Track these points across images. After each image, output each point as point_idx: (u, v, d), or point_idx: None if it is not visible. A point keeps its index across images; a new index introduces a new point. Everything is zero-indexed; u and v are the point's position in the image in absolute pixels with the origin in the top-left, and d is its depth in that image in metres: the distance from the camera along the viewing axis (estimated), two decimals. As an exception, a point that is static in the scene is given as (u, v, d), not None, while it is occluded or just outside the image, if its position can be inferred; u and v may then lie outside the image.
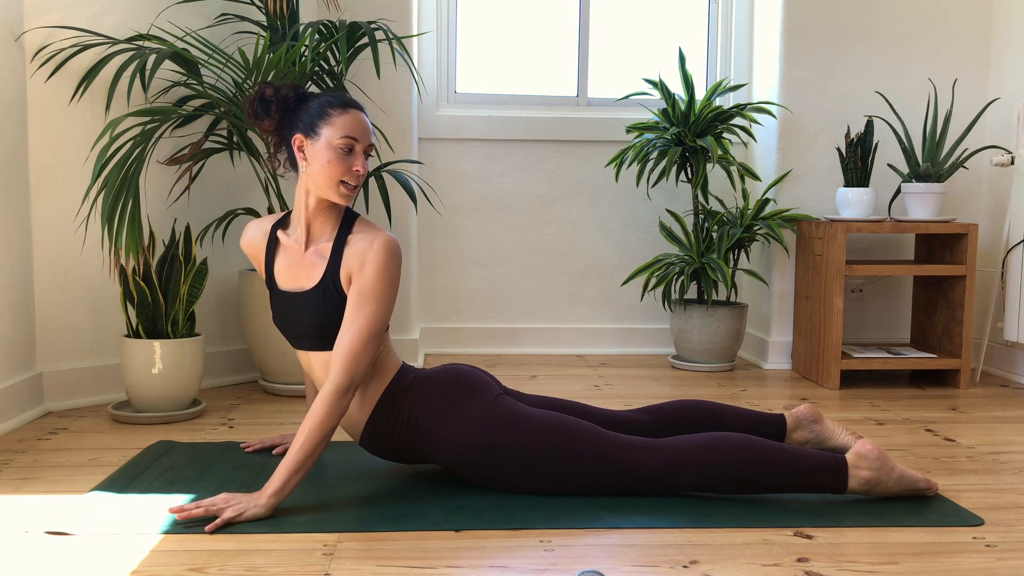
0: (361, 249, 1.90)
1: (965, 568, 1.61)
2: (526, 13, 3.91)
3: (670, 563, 1.62)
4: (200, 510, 1.76)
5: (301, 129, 1.92)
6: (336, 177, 1.89)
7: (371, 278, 1.88)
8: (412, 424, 1.95)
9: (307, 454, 1.81)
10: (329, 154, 1.89)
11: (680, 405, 2.19)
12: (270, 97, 1.94)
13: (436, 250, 3.86)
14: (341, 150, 1.89)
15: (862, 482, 1.91)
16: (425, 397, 1.95)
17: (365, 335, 1.86)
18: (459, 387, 1.96)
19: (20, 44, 2.61)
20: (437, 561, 1.62)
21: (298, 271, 1.97)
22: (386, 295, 1.89)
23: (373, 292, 1.87)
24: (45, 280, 2.70)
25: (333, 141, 1.89)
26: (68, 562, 1.59)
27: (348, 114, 1.91)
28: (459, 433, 1.92)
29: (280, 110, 1.95)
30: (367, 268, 1.88)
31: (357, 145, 1.91)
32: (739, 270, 3.74)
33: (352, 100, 1.94)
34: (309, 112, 1.92)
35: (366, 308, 1.87)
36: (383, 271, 1.88)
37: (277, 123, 1.95)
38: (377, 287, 1.88)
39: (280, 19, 2.97)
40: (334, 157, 1.89)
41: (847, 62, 3.55)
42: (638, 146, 3.52)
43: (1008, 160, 3.26)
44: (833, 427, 2.25)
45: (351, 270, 1.90)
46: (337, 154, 1.89)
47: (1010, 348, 3.39)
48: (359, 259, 1.89)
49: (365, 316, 1.87)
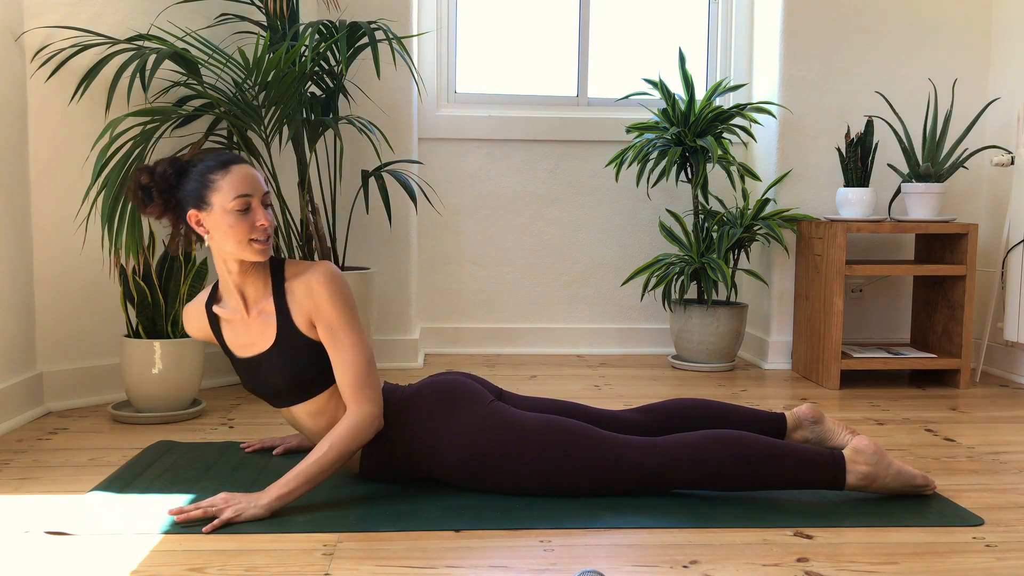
0: (306, 290, 1.87)
1: (965, 568, 1.61)
2: (526, 13, 3.91)
3: (670, 563, 1.62)
4: (199, 511, 1.76)
5: (191, 204, 1.85)
6: (243, 239, 1.84)
7: (332, 311, 1.87)
8: (408, 446, 1.95)
9: (321, 469, 1.81)
10: (228, 220, 1.83)
11: (679, 404, 2.19)
12: (147, 184, 1.86)
13: (436, 250, 3.86)
14: (238, 212, 1.83)
15: (860, 477, 1.91)
16: (417, 417, 1.94)
17: (361, 360, 1.87)
18: (450, 400, 1.95)
19: (20, 44, 2.61)
20: (437, 561, 1.62)
21: (250, 336, 1.93)
22: (354, 317, 1.89)
23: (342, 321, 1.87)
24: (45, 280, 2.70)
25: (227, 206, 1.82)
26: (68, 562, 1.59)
27: (231, 173, 1.84)
28: (457, 447, 1.91)
29: (162, 192, 1.87)
30: (323, 304, 1.86)
31: (252, 200, 1.84)
32: (739, 270, 3.74)
33: (232, 156, 1.88)
34: (192, 184, 1.85)
35: (346, 338, 1.87)
36: (338, 299, 1.87)
37: (164, 205, 1.88)
38: (343, 314, 1.87)
39: (280, 19, 2.97)
40: (234, 221, 1.82)
41: (847, 62, 3.55)
42: (638, 146, 3.52)
43: (1008, 160, 3.26)
44: (834, 427, 2.25)
45: (307, 313, 1.88)
46: (235, 217, 1.83)
47: (1010, 348, 3.39)
48: (310, 300, 1.87)
49: (350, 344, 1.87)
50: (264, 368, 1.92)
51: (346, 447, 1.83)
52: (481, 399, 1.96)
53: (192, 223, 1.88)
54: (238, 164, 1.86)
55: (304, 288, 1.88)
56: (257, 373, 1.93)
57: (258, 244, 1.85)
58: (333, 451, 1.82)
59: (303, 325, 1.89)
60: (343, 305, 1.87)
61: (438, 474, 1.96)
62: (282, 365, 1.90)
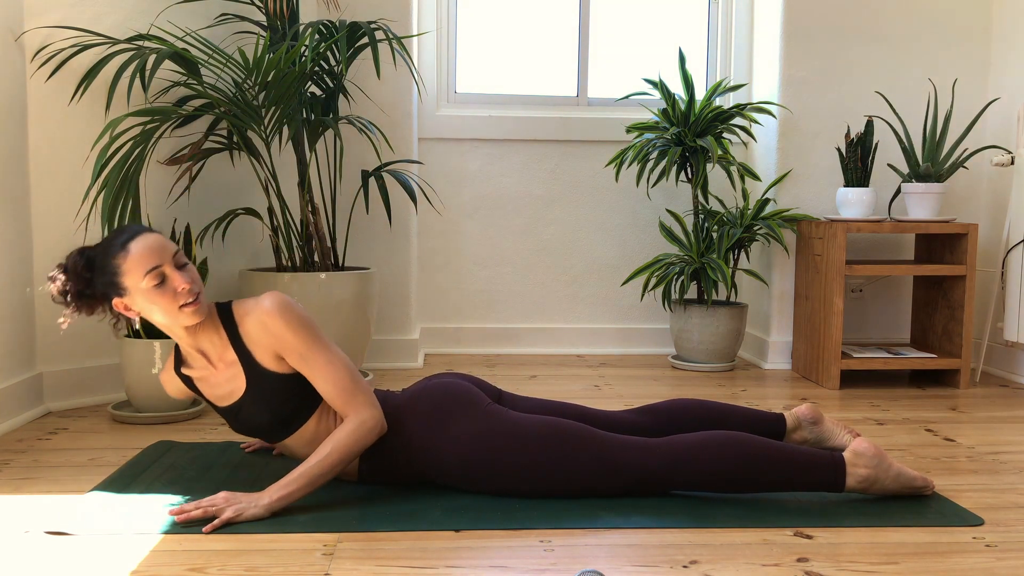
0: (260, 328, 1.85)
1: (965, 568, 1.61)
2: (526, 13, 3.91)
3: (670, 563, 1.62)
4: (199, 511, 1.76)
5: (112, 294, 1.83)
6: (172, 309, 1.81)
7: (295, 339, 1.84)
8: (406, 451, 1.94)
9: (323, 471, 1.81)
10: (148, 296, 1.80)
11: (678, 405, 2.19)
12: (65, 289, 1.83)
13: (436, 250, 3.86)
14: (155, 287, 1.80)
15: (860, 480, 1.91)
16: (414, 422, 1.93)
17: (342, 373, 1.87)
18: (447, 405, 1.94)
19: (20, 44, 2.61)
20: (437, 561, 1.62)
21: (224, 387, 1.93)
22: (318, 336, 1.87)
23: (308, 344, 1.85)
24: (45, 280, 2.70)
25: (140, 285, 1.79)
26: (68, 562, 1.59)
27: (131, 253, 1.79)
28: (455, 451, 1.90)
29: (81, 295, 1.84)
30: (283, 336, 1.84)
31: (163, 268, 1.80)
32: (739, 270, 3.74)
33: (129, 232, 1.83)
34: (102, 276, 1.82)
35: (319, 359, 1.86)
36: (295, 325, 1.84)
37: (90, 305, 1.86)
38: (307, 338, 1.85)
39: (280, 19, 2.97)
40: (154, 296, 1.80)
41: (847, 62, 3.55)
42: (638, 146, 3.52)
43: (1008, 160, 3.26)
44: (833, 427, 2.25)
45: (270, 349, 1.86)
46: (154, 292, 1.80)
47: (1010, 348, 3.39)
48: (268, 336, 1.85)
49: (325, 363, 1.86)
50: (245, 412, 1.92)
51: (348, 449, 1.83)
52: (478, 402, 1.95)
53: (121, 310, 1.85)
54: (136, 239, 1.81)
55: (258, 326, 1.85)
56: (240, 418, 1.94)
57: (188, 307, 1.82)
58: (335, 453, 1.82)
59: (270, 363, 1.87)
60: (303, 329, 1.85)
61: (437, 478, 1.95)
62: (261, 407, 1.90)
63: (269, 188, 3.08)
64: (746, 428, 2.17)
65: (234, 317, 1.90)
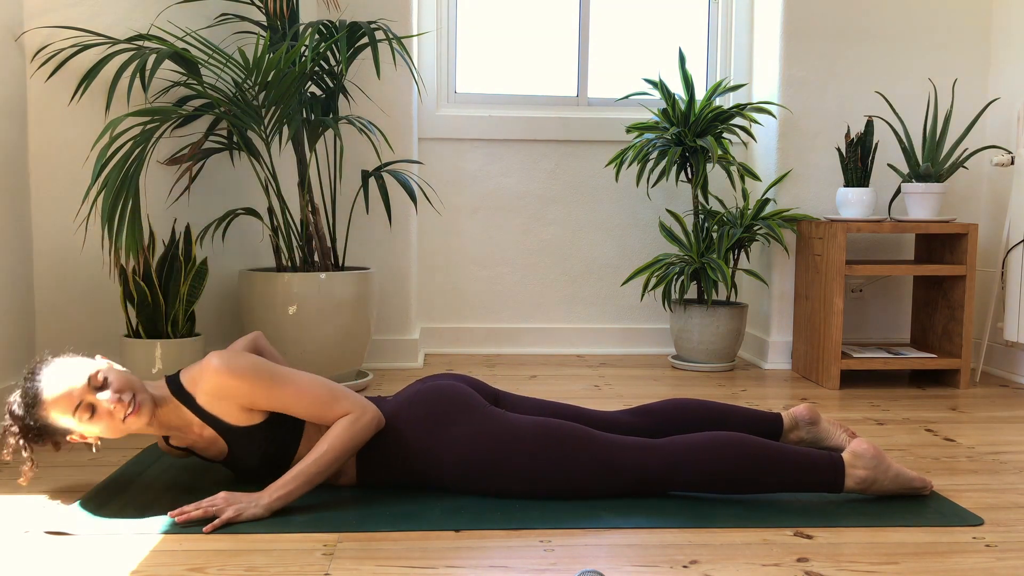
0: (216, 391, 1.84)
1: (965, 568, 1.61)
2: (526, 13, 3.91)
3: (670, 563, 1.62)
4: (199, 512, 1.76)
5: (60, 439, 1.84)
6: (116, 427, 1.82)
7: (254, 389, 1.83)
8: (403, 455, 1.93)
9: (319, 469, 1.82)
10: (88, 428, 1.81)
11: (676, 405, 2.18)
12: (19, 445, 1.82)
13: (436, 250, 3.86)
14: (88, 419, 1.80)
15: (858, 481, 1.91)
16: (410, 427, 1.93)
17: (315, 392, 1.86)
18: (442, 408, 1.93)
19: (20, 44, 2.61)
20: (437, 561, 1.62)
21: (212, 449, 1.95)
22: (272, 375, 1.85)
23: (268, 388, 1.84)
24: (45, 280, 2.70)
25: (74, 425, 1.81)
26: (68, 562, 1.59)
27: (47, 403, 1.78)
28: (453, 455, 1.90)
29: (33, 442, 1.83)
30: (242, 391, 1.83)
31: (86, 400, 1.79)
32: (739, 270, 3.74)
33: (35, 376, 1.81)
34: (44, 425, 1.80)
35: (284, 393, 1.85)
36: (247, 376, 1.82)
37: (54, 444, 1.86)
38: (263, 383, 1.84)
39: (280, 19, 2.97)
40: (91, 425, 1.80)
41: (847, 62, 3.55)
42: (638, 146, 3.52)
43: (1008, 160, 3.26)
44: (830, 428, 2.25)
45: (235, 406, 1.85)
46: (91, 423, 1.80)
47: (1010, 348, 3.39)
48: (227, 397, 1.84)
49: (293, 394, 1.85)
50: (240, 464, 1.94)
51: (344, 446, 1.83)
52: (475, 404, 1.94)
53: (80, 440, 1.86)
54: (45, 388, 1.79)
55: (213, 390, 1.84)
56: (238, 468, 1.95)
57: (130, 416, 1.80)
58: (332, 451, 1.82)
59: (240, 419, 1.87)
60: (256, 376, 1.83)
61: (435, 482, 1.95)
62: (250, 458, 1.91)
63: (269, 188, 3.08)
64: (743, 428, 2.17)
65: (186, 390, 1.88)
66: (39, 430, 1.82)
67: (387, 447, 1.93)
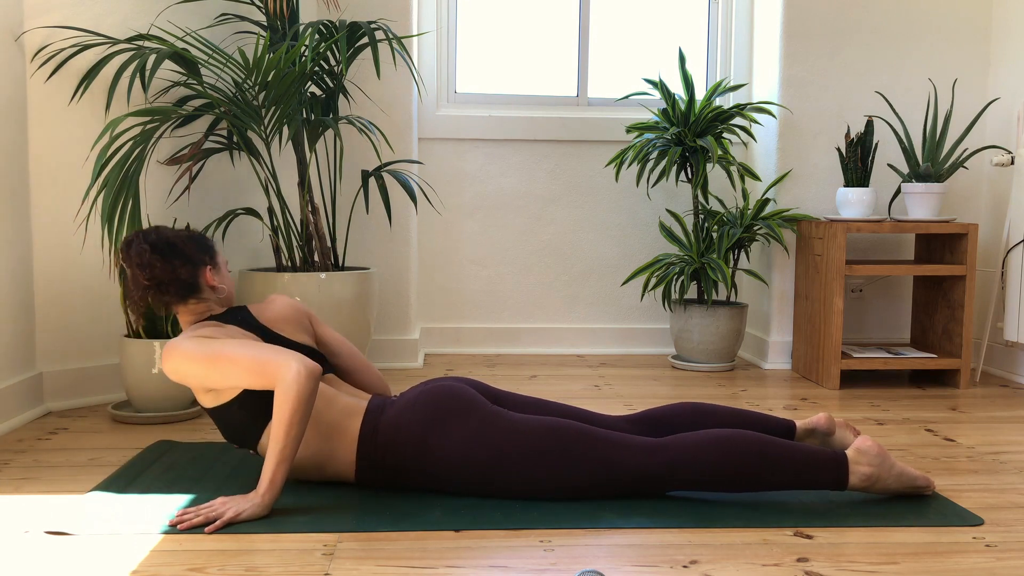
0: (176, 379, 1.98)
1: (965, 568, 1.61)
2: (526, 13, 3.91)
3: (670, 563, 1.62)
4: (200, 518, 1.76)
5: (206, 262, 2.08)
6: (232, 287, 2.14)
7: (195, 373, 1.91)
8: (400, 458, 1.92)
9: (280, 444, 1.79)
10: (227, 274, 2.14)
11: (685, 409, 2.14)
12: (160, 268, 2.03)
13: (436, 250, 3.86)
14: (227, 271, 2.15)
15: (862, 478, 1.91)
16: (410, 430, 1.91)
17: (245, 361, 1.86)
18: (445, 409, 1.92)
19: (20, 44, 2.61)
20: (437, 561, 1.62)
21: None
22: (211, 356, 1.89)
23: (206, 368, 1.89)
24: (45, 280, 2.70)
25: (223, 265, 2.13)
26: (68, 562, 1.59)
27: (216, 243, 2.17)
28: (455, 456, 1.89)
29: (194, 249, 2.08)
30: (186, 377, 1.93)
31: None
32: (739, 270, 3.75)
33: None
34: (203, 248, 2.09)
35: (223, 368, 1.88)
36: (184, 364, 1.91)
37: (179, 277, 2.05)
38: (202, 366, 1.89)
39: (280, 19, 2.97)
40: (225, 272, 2.14)
41: (847, 62, 3.55)
42: (638, 146, 3.52)
43: (1008, 160, 3.26)
44: (843, 435, 2.20)
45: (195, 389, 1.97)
46: (227, 272, 2.15)
47: (1010, 348, 3.39)
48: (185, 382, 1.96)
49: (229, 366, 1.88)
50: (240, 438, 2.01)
51: (282, 412, 1.79)
52: (477, 405, 1.93)
53: (207, 279, 2.08)
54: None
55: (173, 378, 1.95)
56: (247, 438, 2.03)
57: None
58: (278, 424, 1.80)
59: (206, 400, 1.96)
60: (192, 363, 1.90)
61: (435, 483, 1.94)
62: (221, 427, 2.00)
63: (269, 188, 3.08)
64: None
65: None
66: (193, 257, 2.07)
67: (385, 445, 1.93)
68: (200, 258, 2.08)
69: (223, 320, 2.06)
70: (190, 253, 2.06)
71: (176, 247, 2.05)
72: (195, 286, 2.07)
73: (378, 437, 1.93)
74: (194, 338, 1.93)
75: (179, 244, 2.06)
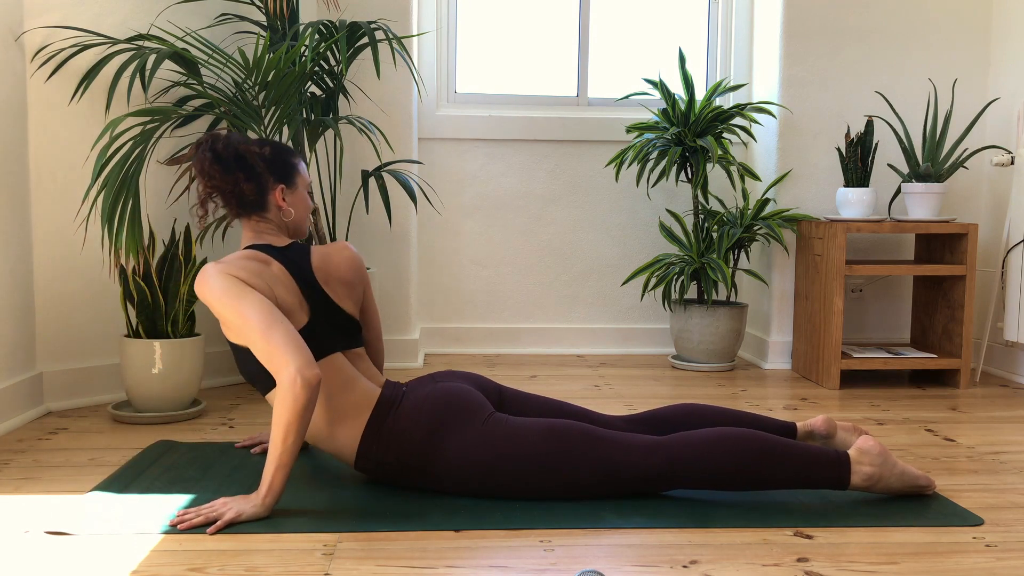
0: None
1: (965, 568, 1.61)
2: (526, 13, 3.91)
3: (670, 563, 1.62)
4: (200, 518, 1.76)
5: (279, 180, 2.02)
6: (307, 216, 2.09)
7: (219, 309, 1.86)
8: (400, 456, 1.91)
9: (277, 450, 1.78)
10: (305, 199, 2.08)
11: (686, 412, 2.14)
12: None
13: (436, 250, 3.86)
14: (308, 193, 2.11)
15: (864, 478, 1.90)
16: (411, 432, 1.90)
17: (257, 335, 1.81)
18: (450, 413, 1.91)
19: (20, 44, 2.61)
20: (437, 561, 1.62)
21: None
22: (234, 301, 1.83)
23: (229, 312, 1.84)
24: (45, 280, 2.70)
25: (300, 188, 2.07)
26: (68, 562, 1.59)
27: (302, 164, 2.08)
28: (452, 467, 1.89)
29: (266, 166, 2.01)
30: (213, 309, 1.89)
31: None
32: (739, 270, 3.74)
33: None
34: (282, 165, 2.03)
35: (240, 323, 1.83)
36: (217, 295, 1.85)
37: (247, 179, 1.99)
38: (225, 307, 1.84)
39: (280, 19, 2.97)
40: (305, 199, 2.08)
41: (847, 62, 3.55)
42: (638, 146, 3.52)
43: (1008, 160, 3.26)
44: (845, 437, 2.20)
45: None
46: (307, 197, 2.09)
47: (1010, 348, 3.39)
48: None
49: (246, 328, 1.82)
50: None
51: (280, 419, 1.77)
52: (478, 413, 1.92)
53: (277, 198, 2.02)
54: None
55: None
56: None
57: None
58: (276, 428, 1.78)
59: (226, 333, 1.93)
60: (220, 299, 1.84)
61: (434, 483, 1.94)
62: (241, 366, 1.97)
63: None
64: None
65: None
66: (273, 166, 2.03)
67: (390, 447, 1.92)
68: (270, 175, 1.99)
69: (276, 256, 1.97)
70: (259, 169, 1.98)
71: (244, 160, 1.97)
72: (259, 203, 1.99)
73: (382, 435, 1.92)
74: (227, 276, 1.85)
75: (248, 157, 1.97)
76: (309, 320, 1.94)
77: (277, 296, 1.91)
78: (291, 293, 1.94)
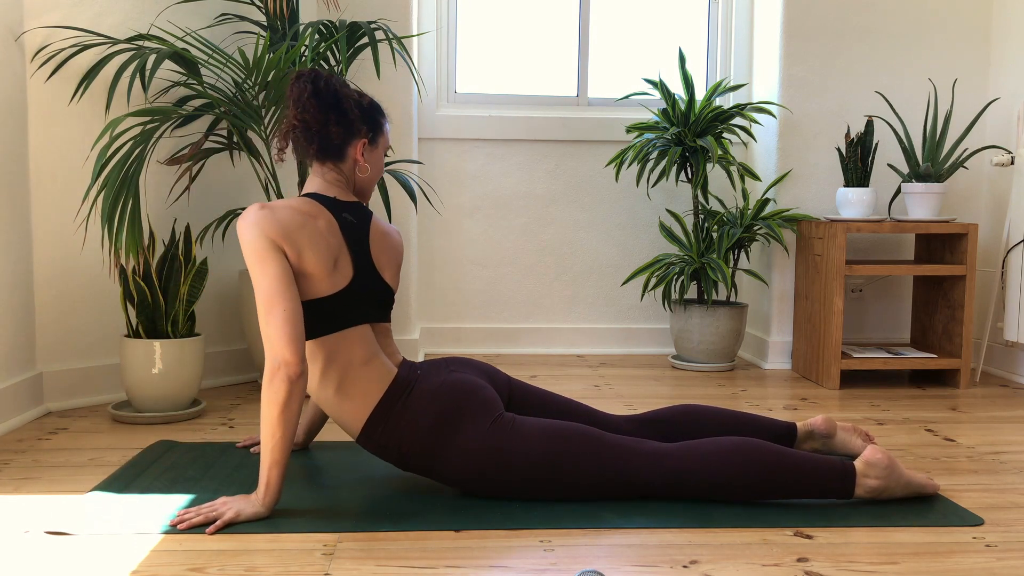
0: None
1: (965, 568, 1.61)
2: (526, 13, 3.91)
3: (670, 563, 1.62)
4: (200, 518, 1.76)
5: (364, 135, 1.98)
6: (378, 175, 2.06)
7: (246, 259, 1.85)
8: (401, 446, 1.91)
9: (267, 447, 1.78)
10: (381, 161, 2.04)
11: (687, 412, 2.15)
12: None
13: (436, 250, 3.86)
14: (386, 155, 2.08)
15: (869, 490, 1.90)
16: (417, 424, 1.89)
17: (259, 306, 1.80)
18: (455, 413, 1.89)
19: (20, 44, 2.61)
20: (437, 561, 1.62)
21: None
22: (253, 261, 1.82)
23: (249, 262, 1.83)
24: (45, 280, 2.70)
25: (381, 147, 2.03)
26: (68, 562, 1.59)
27: (388, 126, 2.05)
28: (456, 464, 1.88)
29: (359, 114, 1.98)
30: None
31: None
32: (739, 270, 3.74)
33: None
34: (373, 120, 1.99)
35: (254, 280, 1.83)
36: (244, 245, 1.84)
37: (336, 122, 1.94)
38: (248, 261, 1.83)
39: (280, 19, 2.97)
40: (382, 157, 2.05)
41: (847, 62, 3.55)
42: (638, 146, 3.52)
43: (1008, 160, 3.26)
44: (846, 438, 2.21)
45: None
46: (382, 160, 2.06)
47: (1010, 348, 3.39)
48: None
49: (256, 286, 1.82)
50: None
51: (265, 414, 1.77)
52: (488, 413, 1.90)
53: (357, 152, 1.98)
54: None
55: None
56: None
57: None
58: (264, 425, 1.78)
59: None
60: (245, 251, 1.83)
61: (433, 476, 1.94)
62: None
63: (269, 188, 3.08)
64: (756, 435, 2.14)
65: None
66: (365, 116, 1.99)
67: (394, 433, 1.90)
68: (360, 126, 1.96)
69: (334, 211, 1.93)
70: (352, 116, 1.94)
71: (340, 103, 1.94)
72: (339, 151, 1.96)
73: (389, 420, 1.90)
74: (259, 231, 1.82)
75: (344, 102, 1.94)
76: (350, 282, 1.91)
77: (310, 255, 1.85)
78: (334, 251, 1.89)
